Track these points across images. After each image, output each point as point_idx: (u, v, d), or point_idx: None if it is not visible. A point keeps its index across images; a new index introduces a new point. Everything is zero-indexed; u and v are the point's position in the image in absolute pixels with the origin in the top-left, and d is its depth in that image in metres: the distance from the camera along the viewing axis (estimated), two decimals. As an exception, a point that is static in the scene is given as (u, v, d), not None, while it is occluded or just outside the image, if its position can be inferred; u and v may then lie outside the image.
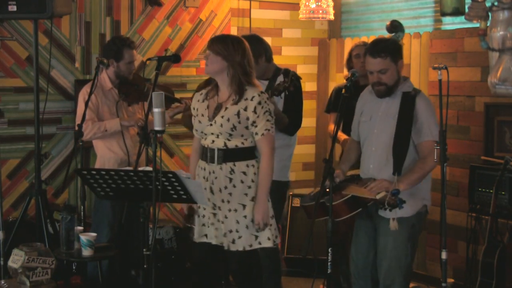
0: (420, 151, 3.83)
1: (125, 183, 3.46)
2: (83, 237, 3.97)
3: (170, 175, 3.34)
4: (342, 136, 4.83)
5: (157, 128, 3.36)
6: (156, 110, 3.36)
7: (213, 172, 3.88)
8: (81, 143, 4.34)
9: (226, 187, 3.86)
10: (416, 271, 5.41)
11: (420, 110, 3.80)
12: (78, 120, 4.55)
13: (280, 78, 4.58)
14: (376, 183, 3.76)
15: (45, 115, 4.80)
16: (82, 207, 4.43)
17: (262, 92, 3.86)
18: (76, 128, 4.41)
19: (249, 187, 3.87)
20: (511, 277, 4.42)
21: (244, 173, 3.86)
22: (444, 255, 3.57)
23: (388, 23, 4.73)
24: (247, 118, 3.82)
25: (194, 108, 4.02)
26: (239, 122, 3.82)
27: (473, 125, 5.14)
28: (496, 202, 4.48)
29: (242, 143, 3.86)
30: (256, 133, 3.84)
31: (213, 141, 3.88)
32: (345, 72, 5.26)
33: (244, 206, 3.86)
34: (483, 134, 5.04)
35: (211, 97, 3.95)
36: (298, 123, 4.70)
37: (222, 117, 3.84)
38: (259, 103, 3.81)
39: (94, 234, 4.06)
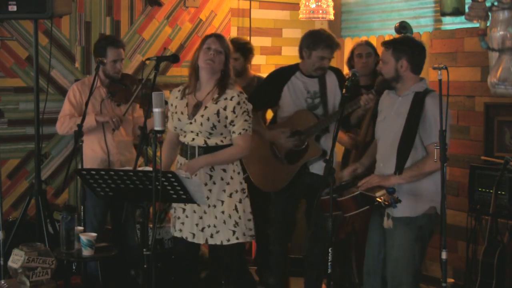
0: (427, 152, 3.78)
1: (124, 183, 3.46)
2: (83, 237, 3.97)
3: (170, 175, 3.34)
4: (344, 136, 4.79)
5: (157, 128, 3.36)
6: (156, 110, 3.36)
7: None
8: (81, 143, 4.34)
9: (206, 184, 3.92)
10: (416, 271, 5.40)
11: (429, 110, 3.73)
12: (60, 116, 4.66)
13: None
14: (366, 179, 3.78)
15: (45, 115, 4.80)
16: (82, 207, 4.43)
17: (241, 92, 3.94)
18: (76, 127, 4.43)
19: (228, 183, 3.93)
20: (511, 277, 4.42)
21: (224, 170, 3.94)
22: (444, 255, 3.56)
23: (397, 24, 4.64)
24: (226, 117, 3.88)
25: (172, 105, 4.05)
26: (219, 121, 3.88)
27: (473, 125, 5.13)
28: (496, 202, 4.47)
29: (222, 141, 3.93)
30: (234, 132, 3.91)
31: (193, 139, 3.93)
32: (346, 70, 5.24)
33: (222, 202, 3.92)
34: (483, 134, 5.04)
35: (189, 94, 3.99)
36: None
37: (202, 116, 3.89)
38: (238, 103, 3.88)
39: (94, 234, 4.06)
